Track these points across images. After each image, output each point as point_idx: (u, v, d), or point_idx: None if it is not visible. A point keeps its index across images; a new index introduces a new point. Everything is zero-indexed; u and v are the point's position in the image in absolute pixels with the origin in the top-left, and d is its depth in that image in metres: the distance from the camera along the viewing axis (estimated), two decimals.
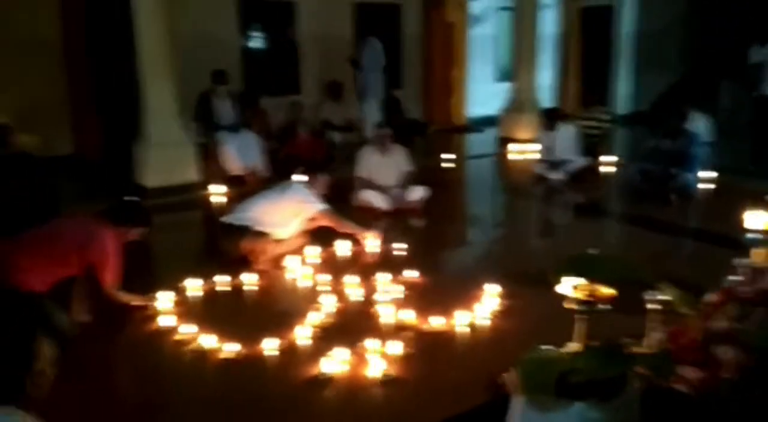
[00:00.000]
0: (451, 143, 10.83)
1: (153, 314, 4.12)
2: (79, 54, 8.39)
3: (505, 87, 11.30)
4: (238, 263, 4.90)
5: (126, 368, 3.65)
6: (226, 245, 5.12)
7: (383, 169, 6.71)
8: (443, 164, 9.10)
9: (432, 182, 7.22)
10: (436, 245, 5.94)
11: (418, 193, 6.72)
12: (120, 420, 3.13)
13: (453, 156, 9.27)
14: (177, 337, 3.83)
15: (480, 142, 10.96)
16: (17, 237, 3.86)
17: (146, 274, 4.99)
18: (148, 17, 6.89)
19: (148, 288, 4.37)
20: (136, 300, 4.16)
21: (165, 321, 3.99)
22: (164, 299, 4.25)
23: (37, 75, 8.29)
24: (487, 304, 4.20)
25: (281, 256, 5.11)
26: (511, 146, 9.85)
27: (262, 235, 5.05)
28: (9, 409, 1.78)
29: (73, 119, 8.60)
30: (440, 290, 4.55)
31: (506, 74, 12.07)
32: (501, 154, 9.85)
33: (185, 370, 3.58)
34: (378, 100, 10.08)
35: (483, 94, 12.31)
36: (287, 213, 5.26)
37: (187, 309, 4.25)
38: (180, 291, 4.45)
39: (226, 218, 5.24)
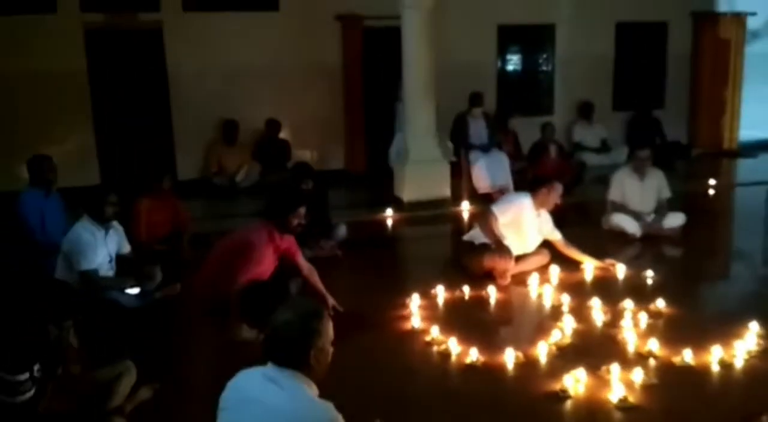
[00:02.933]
0: (718, 167, 9.97)
1: (407, 315, 4.52)
2: (355, 80, 9.38)
3: None
4: (481, 278, 5.14)
5: (379, 362, 4.03)
6: (468, 262, 5.37)
7: (639, 194, 6.41)
8: (708, 191, 8.45)
9: (693, 209, 6.79)
10: (691, 276, 5.58)
11: (675, 220, 6.35)
12: (371, 410, 3.43)
13: (718, 182, 8.57)
14: (427, 338, 4.16)
15: (753, 168, 9.94)
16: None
17: (397, 279, 5.48)
18: (417, 46, 7.53)
19: (398, 293, 4.81)
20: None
21: (416, 322, 4.37)
22: (414, 303, 4.63)
23: (319, 98, 9.43)
24: (746, 343, 3.89)
25: (524, 274, 5.23)
26: None
27: (503, 252, 5.17)
28: (295, 373, 2.19)
29: (345, 138, 9.63)
30: (691, 324, 4.32)
31: None
32: None
33: (432, 369, 3.89)
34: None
35: (759, 116, 11.13)
36: (523, 231, 5.34)
37: (434, 314, 4.59)
38: (429, 297, 4.81)
39: (467, 237, 5.51)
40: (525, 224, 5.34)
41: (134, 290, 4.71)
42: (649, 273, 5.19)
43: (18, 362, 2.88)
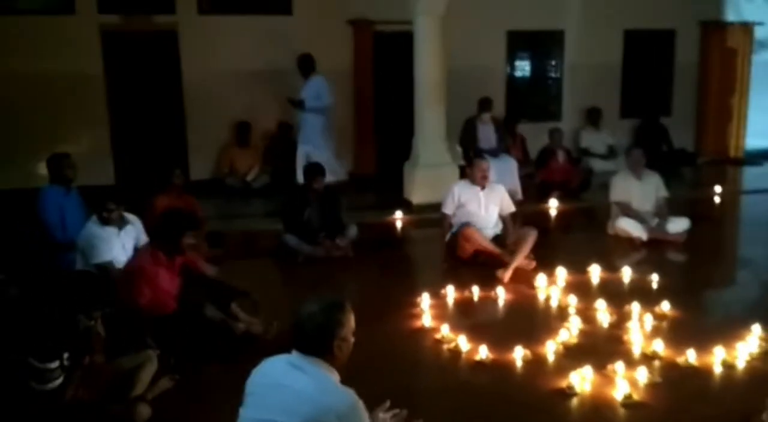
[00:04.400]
0: (723, 175, 10.06)
1: (417, 313, 4.64)
2: (366, 83, 9.51)
3: None
4: (471, 262, 5.54)
5: (391, 358, 4.12)
6: (454, 252, 5.76)
7: (639, 193, 6.57)
8: (713, 198, 8.54)
9: (698, 215, 6.89)
10: (696, 281, 5.66)
11: (680, 225, 6.47)
12: (375, 401, 3.55)
13: (723, 189, 8.67)
14: (437, 336, 4.29)
15: (759, 176, 10.02)
16: None
17: (408, 279, 5.60)
18: (428, 52, 7.67)
19: (408, 292, 4.93)
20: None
21: (427, 321, 4.49)
22: (425, 302, 4.75)
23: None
24: (748, 345, 4.00)
25: (531, 274, 5.36)
26: None
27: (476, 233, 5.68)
28: (318, 361, 2.32)
29: (355, 141, 9.75)
30: (695, 326, 4.43)
31: None
32: None
33: (442, 365, 4.02)
34: (318, 147, 8.45)
35: (765, 124, 11.22)
36: (472, 206, 5.92)
37: (444, 313, 4.72)
38: (439, 297, 4.93)
39: (447, 237, 5.89)
40: (468, 201, 5.91)
41: None
42: (655, 277, 5.29)
43: (49, 350, 3.02)
